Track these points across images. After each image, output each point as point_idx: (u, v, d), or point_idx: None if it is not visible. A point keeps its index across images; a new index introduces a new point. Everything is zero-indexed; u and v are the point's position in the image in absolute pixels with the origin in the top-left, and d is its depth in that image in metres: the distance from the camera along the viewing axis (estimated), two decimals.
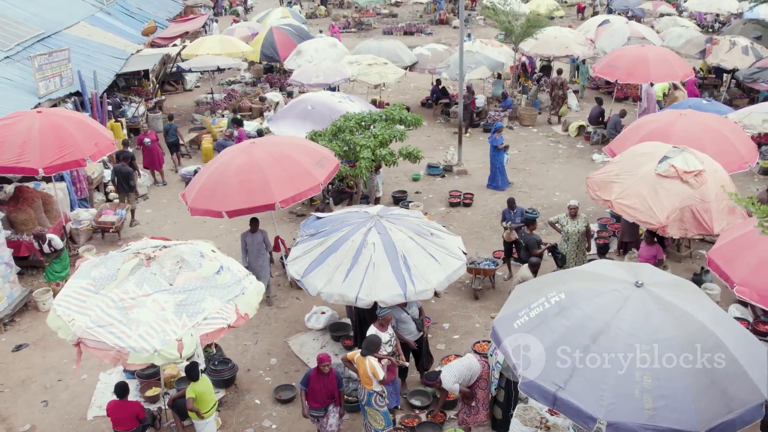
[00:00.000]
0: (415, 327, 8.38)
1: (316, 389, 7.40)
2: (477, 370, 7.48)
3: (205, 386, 7.80)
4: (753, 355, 5.93)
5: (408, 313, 8.24)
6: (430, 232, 8.50)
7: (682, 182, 9.28)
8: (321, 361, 7.33)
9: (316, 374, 7.39)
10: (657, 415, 5.31)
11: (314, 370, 7.44)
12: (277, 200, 9.37)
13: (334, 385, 7.45)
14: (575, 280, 6.49)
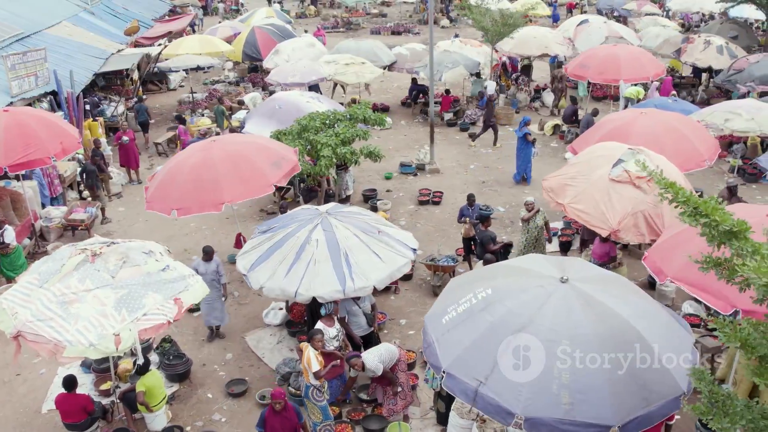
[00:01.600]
0: (365, 321, 8.51)
1: (276, 427, 7.02)
2: (396, 354, 7.66)
3: (155, 380, 7.95)
4: (676, 348, 6.04)
5: (359, 306, 8.37)
6: (377, 230, 8.62)
7: (634, 187, 9.31)
8: (274, 398, 6.96)
9: (271, 412, 6.98)
10: (573, 410, 5.42)
11: (269, 408, 7.03)
12: (226, 200, 9.51)
13: (294, 420, 7.10)
14: (504, 275, 6.61)
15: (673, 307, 10.46)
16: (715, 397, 4.67)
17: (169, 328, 10.08)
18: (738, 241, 4.29)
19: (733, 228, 4.28)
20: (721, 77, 16.62)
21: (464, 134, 18.50)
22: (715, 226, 4.32)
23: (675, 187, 4.67)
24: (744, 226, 4.30)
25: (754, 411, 4.55)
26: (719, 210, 4.34)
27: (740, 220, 4.34)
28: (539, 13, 30.18)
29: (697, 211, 4.46)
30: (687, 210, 4.53)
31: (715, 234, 4.36)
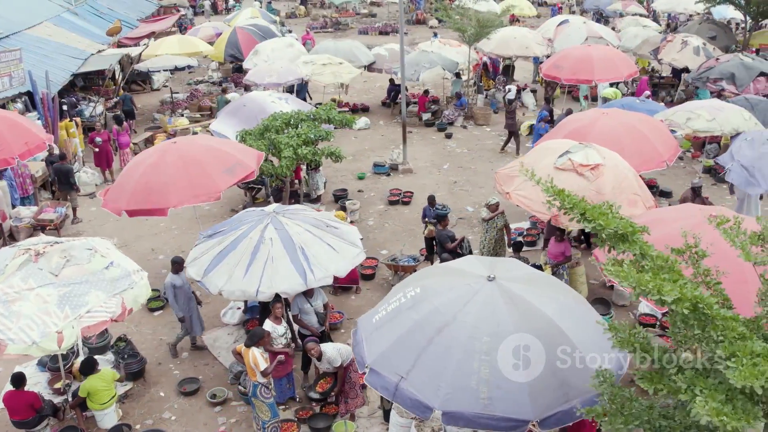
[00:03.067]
0: (316, 320, 8.58)
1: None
2: (350, 353, 7.70)
3: (101, 379, 8.02)
4: (602, 348, 6.08)
5: (311, 305, 8.44)
6: (326, 224, 8.70)
7: (577, 175, 9.39)
8: None
9: None
10: (491, 405, 5.51)
11: None
12: (172, 205, 9.58)
13: None
14: (435, 275, 6.70)
15: (631, 306, 10.53)
16: (614, 399, 4.73)
17: (129, 327, 10.35)
18: (624, 244, 4.35)
19: (618, 231, 4.34)
20: (692, 76, 16.66)
21: (441, 134, 18.56)
22: (602, 230, 4.39)
23: (563, 194, 4.73)
24: (630, 229, 4.36)
25: (653, 411, 4.62)
26: (605, 215, 4.41)
27: (627, 224, 4.40)
28: (526, 13, 30.19)
29: (584, 216, 4.53)
30: (574, 216, 4.60)
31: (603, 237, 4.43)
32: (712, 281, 5.32)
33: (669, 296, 3.85)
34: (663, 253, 4.55)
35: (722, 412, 3.55)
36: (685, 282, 4.11)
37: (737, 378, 3.54)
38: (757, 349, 3.76)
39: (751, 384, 3.52)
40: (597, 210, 4.49)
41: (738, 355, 3.74)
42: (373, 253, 12.32)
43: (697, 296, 3.87)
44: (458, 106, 19.43)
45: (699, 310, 3.89)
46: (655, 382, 4.26)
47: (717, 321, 3.92)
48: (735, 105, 12.87)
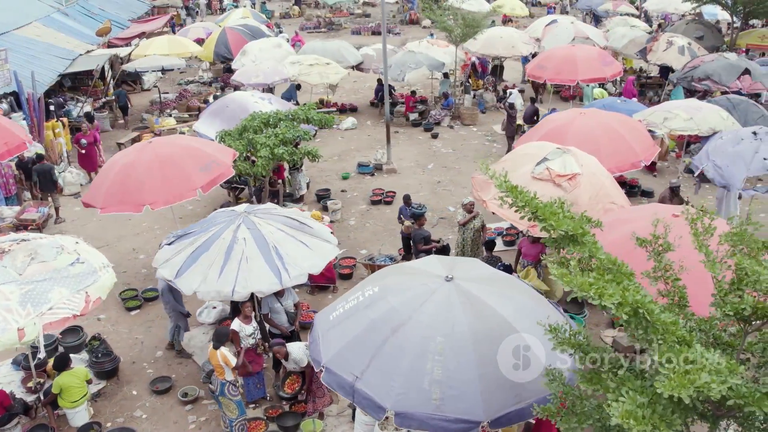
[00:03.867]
0: (286, 320, 8.62)
1: None
2: None
3: (74, 377, 8.07)
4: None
5: (282, 304, 8.48)
6: (298, 222, 8.75)
7: (554, 185, 9.40)
8: None
9: None
10: (443, 405, 5.54)
11: None
12: (147, 202, 9.64)
13: None
14: (394, 274, 6.73)
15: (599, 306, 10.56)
16: (565, 398, 4.77)
17: (105, 326, 10.41)
18: (574, 246, 4.39)
19: (568, 232, 4.38)
20: (677, 75, 16.69)
21: (427, 134, 18.61)
22: (552, 230, 4.43)
23: (515, 191, 4.77)
24: (580, 230, 4.39)
25: (603, 411, 4.65)
26: (555, 214, 4.44)
27: (577, 225, 4.43)
28: (518, 13, 30.22)
29: (535, 215, 4.56)
30: (526, 214, 4.63)
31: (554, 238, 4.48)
32: (671, 277, 5.37)
33: (610, 301, 3.87)
34: (611, 255, 4.57)
35: (632, 415, 3.56)
36: (629, 285, 4.11)
37: (665, 388, 3.53)
38: (691, 356, 3.76)
39: (678, 394, 3.51)
40: (548, 209, 4.52)
41: (672, 361, 3.75)
42: (352, 252, 12.38)
43: (637, 300, 3.88)
44: (445, 106, 19.48)
45: (639, 314, 3.90)
46: (594, 383, 4.30)
47: (657, 325, 3.94)
48: (713, 105, 12.90)
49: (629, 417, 3.58)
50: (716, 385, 3.47)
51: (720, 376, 3.56)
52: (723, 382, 3.51)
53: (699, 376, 3.49)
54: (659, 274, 5.14)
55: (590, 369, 4.49)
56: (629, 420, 3.56)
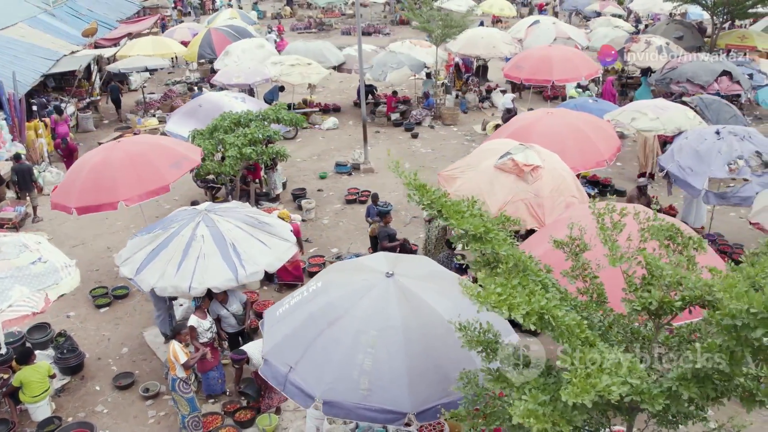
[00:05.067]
0: (235, 321, 8.76)
1: None
2: None
3: (36, 371, 8.20)
4: None
5: (228, 310, 8.61)
6: (258, 220, 8.88)
7: (517, 177, 9.55)
8: None
9: None
10: (371, 396, 5.67)
11: None
12: (122, 199, 9.76)
13: None
14: (339, 270, 6.87)
15: None
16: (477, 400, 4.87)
17: (74, 323, 10.55)
18: (477, 244, 4.51)
19: (470, 231, 4.50)
20: (656, 77, 16.81)
21: (408, 134, 18.74)
22: (455, 228, 4.56)
23: (423, 189, 4.89)
24: (483, 229, 4.51)
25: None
26: (460, 213, 4.56)
27: (480, 224, 4.55)
28: (506, 13, 30.35)
29: (441, 214, 4.68)
30: (431, 212, 4.75)
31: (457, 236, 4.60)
32: (589, 275, 5.50)
33: (518, 313, 3.97)
34: (517, 252, 4.68)
35: (533, 413, 3.66)
36: (535, 289, 4.21)
37: (568, 395, 3.58)
38: (592, 356, 3.85)
39: (581, 401, 3.57)
40: (452, 208, 4.64)
41: (574, 363, 3.83)
42: (324, 251, 12.51)
43: (543, 306, 3.98)
44: (426, 106, 19.61)
45: (545, 320, 4.01)
46: (500, 381, 4.40)
47: (562, 328, 4.05)
48: (680, 105, 13.01)
49: (529, 416, 3.67)
50: (616, 387, 3.56)
51: (620, 377, 3.65)
52: (623, 383, 3.60)
53: (600, 379, 3.58)
54: (577, 273, 5.27)
55: (497, 368, 4.60)
56: (529, 419, 3.65)
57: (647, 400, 3.95)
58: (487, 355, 4.76)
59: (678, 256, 4.83)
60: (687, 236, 5.03)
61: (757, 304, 3.39)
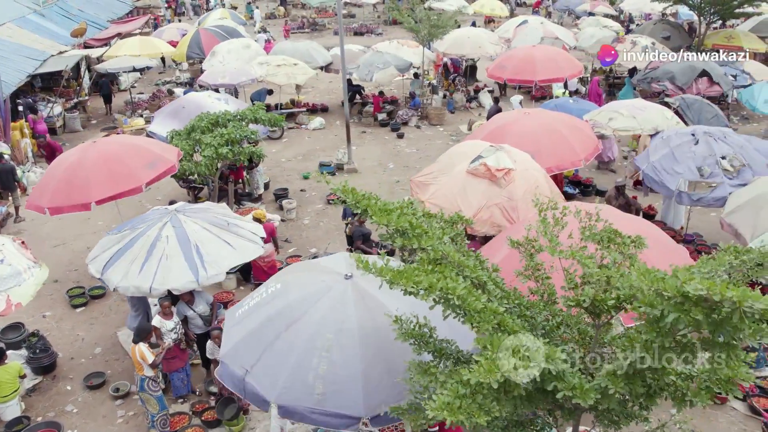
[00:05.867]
0: (201, 323, 8.78)
1: None
2: None
3: (6, 372, 8.23)
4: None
5: (194, 311, 8.64)
6: (226, 222, 8.90)
7: (489, 181, 9.57)
8: None
9: None
10: (325, 400, 5.67)
11: None
12: (95, 200, 9.79)
13: None
14: (298, 271, 6.89)
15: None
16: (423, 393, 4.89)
17: (50, 322, 10.58)
18: (403, 239, 4.54)
19: (398, 228, 4.54)
20: (637, 77, 16.83)
21: (394, 134, 18.76)
22: (386, 226, 4.59)
23: (353, 192, 4.91)
24: (407, 225, 4.54)
25: None
26: (382, 212, 4.59)
27: (404, 220, 4.58)
28: (497, 13, 30.35)
29: (367, 213, 4.72)
30: (362, 213, 4.78)
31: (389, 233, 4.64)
32: (542, 275, 5.53)
33: (409, 286, 4.01)
34: (448, 248, 4.69)
35: (449, 406, 3.69)
36: (448, 275, 4.25)
37: (472, 375, 3.63)
38: (509, 342, 3.89)
39: (486, 380, 3.61)
40: (377, 207, 4.67)
41: (488, 348, 3.88)
42: (303, 251, 12.55)
43: (448, 287, 4.02)
44: (412, 106, 19.63)
45: (449, 300, 4.04)
46: (428, 374, 4.43)
47: (471, 312, 4.08)
48: (657, 105, 13.02)
49: (443, 408, 3.69)
50: (524, 369, 3.59)
51: (532, 361, 3.68)
52: (531, 366, 3.63)
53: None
54: (529, 273, 5.30)
55: (426, 361, 4.64)
56: (443, 411, 3.68)
57: (579, 394, 3.98)
58: (418, 347, 4.79)
59: (616, 254, 4.85)
60: (626, 236, 5.06)
61: (669, 287, 3.41)
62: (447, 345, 4.91)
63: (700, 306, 3.36)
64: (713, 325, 3.44)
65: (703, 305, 3.36)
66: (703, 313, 3.35)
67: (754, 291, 3.40)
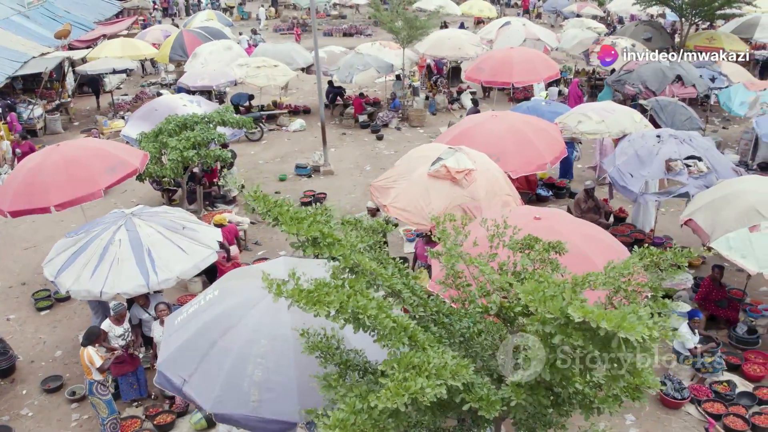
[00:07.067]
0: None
1: None
2: None
3: None
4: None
5: (150, 314, 8.64)
6: (182, 226, 8.90)
7: (452, 182, 9.56)
8: None
9: None
10: (261, 407, 5.67)
11: None
12: (53, 203, 9.80)
13: None
14: (236, 277, 6.88)
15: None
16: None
17: (13, 325, 10.59)
18: (315, 248, 4.54)
19: (309, 236, 4.53)
20: (611, 78, 16.81)
21: (374, 136, 18.76)
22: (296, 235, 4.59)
23: (263, 198, 4.89)
24: (318, 233, 4.53)
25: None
26: (293, 220, 4.58)
27: (315, 229, 4.56)
28: (486, 14, 30.34)
29: (276, 221, 4.70)
30: (271, 221, 4.76)
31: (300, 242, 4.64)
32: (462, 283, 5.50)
33: (323, 309, 4.00)
34: (359, 256, 4.68)
35: (343, 423, 3.66)
36: (359, 290, 4.23)
37: (379, 401, 3.55)
38: (415, 360, 3.84)
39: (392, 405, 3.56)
40: (289, 215, 4.66)
41: (395, 368, 3.83)
42: (272, 254, 12.53)
43: (359, 306, 4.00)
44: (392, 108, 19.62)
45: (361, 320, 4.02)
46: (330, 389, 4.42)
47: (382, 332, 4.06)
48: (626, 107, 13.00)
49: (336, 426, 3.67)
50: (431, 389, 3.57)
51: (439, 378, 3.66)
52: (439, 385, 3.61)
53: (415, 382, 3.58)
54: (450, 281, 5.29)
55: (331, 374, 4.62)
56: (335, 429, 3.66)
57: (484, 406, 3.97)
58: (324, 359, 4.78)
59: (527, 260, 4.85)
60: (546, 242, 5.05)
61: (553, 309, 3.40)
62: (355, 356, 4.90)
63: (581, 330, 3.34)
64: (598, 346, 3.42)
65: (584, 330, 3.34)
66: (584, 337, 3.33)
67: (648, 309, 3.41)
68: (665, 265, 4.60)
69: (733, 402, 8.36)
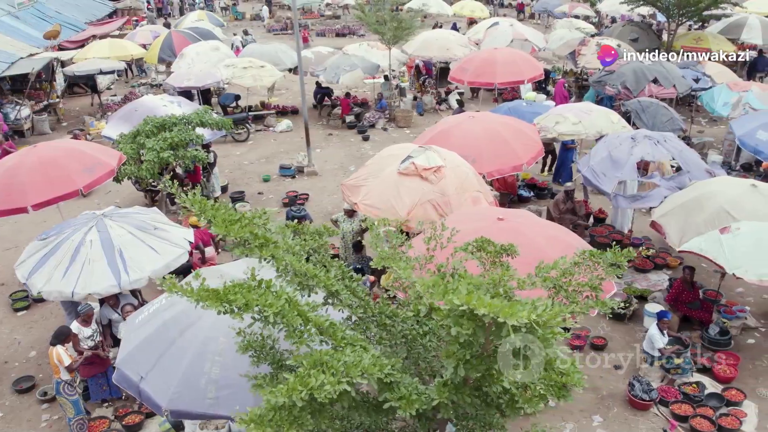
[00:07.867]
0: None
1: None
2: None
3: None
4: None
5: (119, 314, 8.68)
6: (153, 226, 8.94)
7: (421, 179, 9.59)
8: None
9: None
10: (218, 404, 5.73)
11: None
12: (30, 204, 9.85)
13: None
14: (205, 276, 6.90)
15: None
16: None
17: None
18: (247, 249, 4.58)
19: (238, 237, 4.57)
20: (592, 79, 16.83)
21: (359, 137, 18.80)
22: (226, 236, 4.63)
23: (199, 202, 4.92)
24: (249, 235, 4.57)
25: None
26: (226, 222, 4.62)
27: (247, 231, 4.60)
28: (478, 15, 30.35)
29: (213, 224, 4.73)
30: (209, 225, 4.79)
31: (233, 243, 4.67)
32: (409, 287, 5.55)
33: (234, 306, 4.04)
34: (290, 257, 4.70)
35: (258, 418, 3.68)
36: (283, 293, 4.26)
37: (272, 395, 3.59)
38: (325, 357, 3.86)
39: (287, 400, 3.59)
40: (222, 217, 4.69)
41: (303, 364, 3.86)
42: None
43: (266, 303, 4.03)
44: (378, 108, 19.65)
45: (267, 318, 4.05)
46: (259, 387, 4.45)
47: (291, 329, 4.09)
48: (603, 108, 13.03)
49: (252, 421, 3.70)
50: (330, 386, 3.60)
51: (348, 376, 3.70)
52: (340, 383, 3.64)
53: (316, 378, 3.62)
54: (398, 285, 5.33)
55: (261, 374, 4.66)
56: (250, 424, 3.69)
57: (403, 405, 4.01)
58: (257, 359, 4.81)
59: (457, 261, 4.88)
60: (498, 245, 5.08)
61: (447, 301, 3.44)
62: (289, 355, 4.92)
63: (472, 320, 3.38)
64: (492, 335, 3.46)
65: (473, 319, 3.38)
66: (473, 326, 3.37)
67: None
68: (605, 265, 4.63)
69: (701, 403, 8.38)
